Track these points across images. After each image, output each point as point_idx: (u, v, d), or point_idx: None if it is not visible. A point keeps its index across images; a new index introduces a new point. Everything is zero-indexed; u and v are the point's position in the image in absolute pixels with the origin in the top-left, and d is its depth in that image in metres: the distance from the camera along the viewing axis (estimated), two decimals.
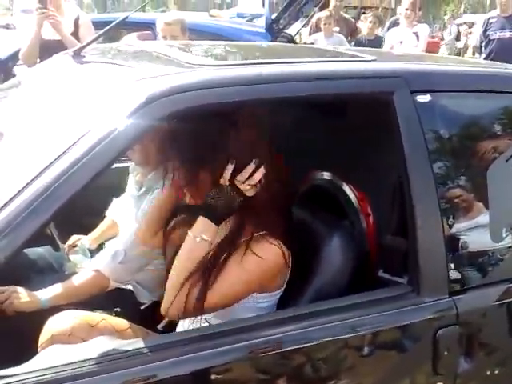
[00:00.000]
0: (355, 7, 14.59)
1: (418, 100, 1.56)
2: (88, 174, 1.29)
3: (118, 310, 1.91)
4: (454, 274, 1.58)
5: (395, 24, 7.10)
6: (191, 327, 1.53)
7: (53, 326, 1.65)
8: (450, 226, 1.59)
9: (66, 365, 1.25)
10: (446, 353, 1.53)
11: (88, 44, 1.83)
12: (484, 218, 1.64)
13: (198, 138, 1.51)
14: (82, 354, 1.31)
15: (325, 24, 6.52)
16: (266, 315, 1.50)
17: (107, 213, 2.38)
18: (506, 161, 1.67)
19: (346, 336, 1.47)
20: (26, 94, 1.98)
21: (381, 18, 7.62)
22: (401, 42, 6.46)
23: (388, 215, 1.71)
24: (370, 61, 1.73)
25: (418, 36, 6.45)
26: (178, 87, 1.38)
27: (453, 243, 1.58)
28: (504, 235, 1.66)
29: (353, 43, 7.13)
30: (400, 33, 6.68)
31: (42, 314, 1.72)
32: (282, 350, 1.41)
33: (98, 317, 1.68)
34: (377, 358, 1.52)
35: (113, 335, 1.58)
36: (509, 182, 1.68)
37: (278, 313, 1.53)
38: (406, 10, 6.61)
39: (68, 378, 1.23)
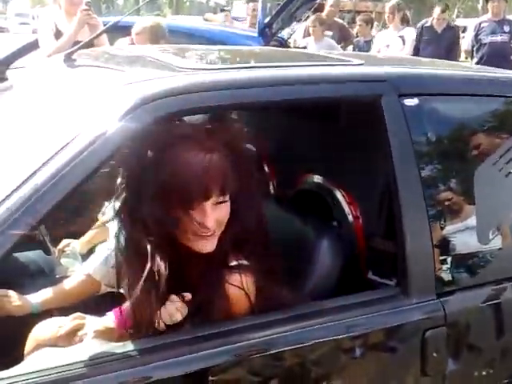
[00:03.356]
0: (349, 11, 14.63)
1: (406, 104, 1.58)
2: (77, 176, 1.30)
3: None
4: (442, 276, 1.59)
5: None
6: None
7: (38, 334, 1.64)
8: (438, 229, 1.60)
9: (56, 367, 1.26)
10: (434, 354, 1.55)
11: (80, 47, 1.84)
12: (471, 220, 1.66)
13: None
14: (72, 356, 1.32)
15: (313, 27, 6.53)
16: (257, 317, 1.51)
17: (99, 216, 2.38)
18: (493, 164, 1.69)
19: (335, 337, 1.48)
20: (17, 98, 1.98)
21: (369, 20, 7.66)
22: (387, 46, 6.50)
23: (377, 218, 1.72)
24: (357, 65, 1.75)
25: (404, 40, 6.49)
26: (168, 90, 1.39)
27: (440, 245, 1.60)
28: (491, 237, 1.67)
29: (350, 47, 7.16)
30: (387, 36, 6.71)
31: (28, 320, 1.72)
32: (272, 351, 1.41)
33: (85, 324, 1.62)
34: (365, 360, 1.53)
35: (100, 336, 1.58)
36: (495, 185, 1.70)
37: (269, 315, 1.54)
38: (389, 14, 6.66)
39: (60, 381, 1.23)
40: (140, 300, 1.45)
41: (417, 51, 6.87)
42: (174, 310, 1.41)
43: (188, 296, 1.42)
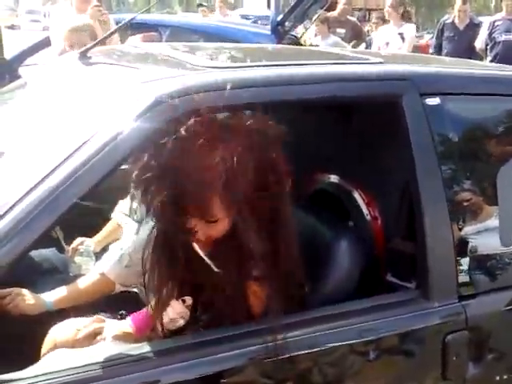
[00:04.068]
0: (360, 9, 14.60)
1: (427, 103, 1.55)
2: (95, 176, 1.29)
3: (124, 312, 1.89)
4: (464, 279, 1.57)
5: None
6: None
7: (56, 335, 1.63)
8: (459, 230, 1.57)
9: (71, 369, 1.25)
10: (454, 358, 1.52)
11: (94, 45, 1.82)
12: (494, 221, 1.63)
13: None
14: (86, 358, 1.30)
15: (316, 26, 6.49)
16: (273, 320, 1.48)
17: (112, 215, 2.37)
18: None
19: (354, 341, 1.46)
20: (32, 96, 1.97)
21: (384, 17, 7.60)
22: (387, 44, 6.38)
23: (396, 219, 1.70)
24: (377, 63, 1.72)
25: (403, 37, 6.39)
26: (186, 89, 1.37)
27: (462, 247, 1.57)
28: None
29: (363, 45, 7.11)
30: (386, 34, 6.58)
31: (44, 320, 1.71)
32: (290, 355, 1.39)
33: (103, 327, 1.62)
34: (385, 364, 1.51)
35: (118, 341, 1.56)
36: None
37: (285, 317, 1.51)
38: (390, 8, 6.56)
39: (73, 383, 1.22)
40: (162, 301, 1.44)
41: (438, 49, 6.77)
42: (176, 315, 1.40)
43: (188, 300, 1.41)
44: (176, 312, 1.41)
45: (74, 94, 1.67)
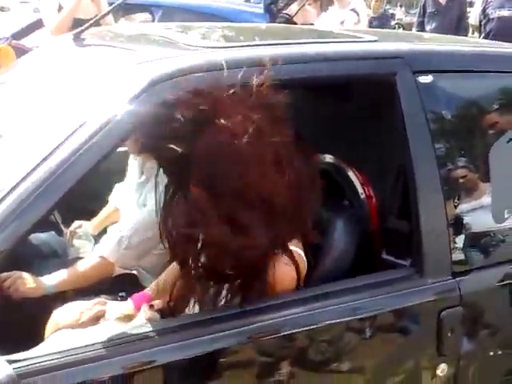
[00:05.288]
0: None
1: (420, 81, 1.56)
2: (91, 159, 1.29)
3: (123, 294, 1.91)
4: (457, 256, 1.59)
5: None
6: None
7: (59, 318, 1.64)
8: (453, 208, 1.59)
9: (73, 349, 1.25)
10: (449, 334, 1.54)
11: (89, 26, 1.81)
12: (487, 198, 1.65)
13: None
14: (87, 338, 1.32)
15: (310, 4, 6.43)
16: (270, 299, 1.50)
17: (110, 198, 2.38)
18: (508, 141, 1.67)
19: (350, 318, 1.48)
20: (26, 79, 1.96)
21: None
22: (342, 23, 6.29)
23: (391, 197, 1.71)
24: (371, 41, 1.72)
25: (357, 12, 6.30)
26: (181, 70, 1.37)
27: (456, 225, 1.59)
28: (506, 216, 1.66)
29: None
30: (338, 13, 6.46)
31: (47, 302, 1.72)
32: (286, 333, 1.41)
33: (106, 310, 1.63)
34: (381, 340, 1.53)
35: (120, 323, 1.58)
36: (511, 163, 1.68)
37: (282, 296, 1.53)
38: None
39: (77, 363, 1.23)
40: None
41: (422, 27, 6.71)
42: (146, 320, 1.43)
43: (156, 305, 1.46)
44: (146, 317, 1.44)
45: (69, 76, 1.67)
